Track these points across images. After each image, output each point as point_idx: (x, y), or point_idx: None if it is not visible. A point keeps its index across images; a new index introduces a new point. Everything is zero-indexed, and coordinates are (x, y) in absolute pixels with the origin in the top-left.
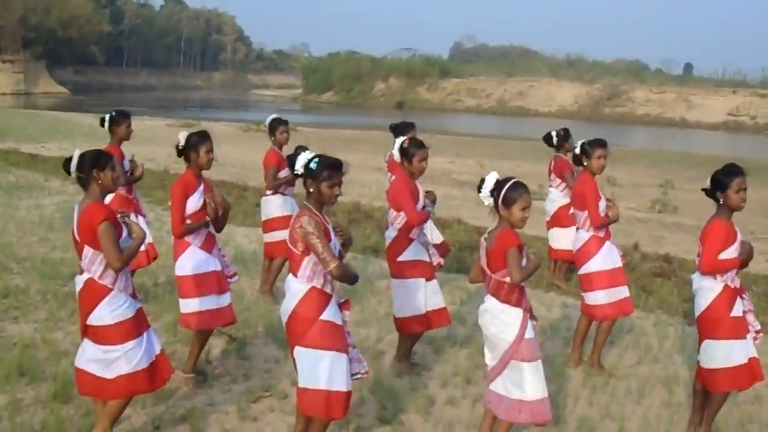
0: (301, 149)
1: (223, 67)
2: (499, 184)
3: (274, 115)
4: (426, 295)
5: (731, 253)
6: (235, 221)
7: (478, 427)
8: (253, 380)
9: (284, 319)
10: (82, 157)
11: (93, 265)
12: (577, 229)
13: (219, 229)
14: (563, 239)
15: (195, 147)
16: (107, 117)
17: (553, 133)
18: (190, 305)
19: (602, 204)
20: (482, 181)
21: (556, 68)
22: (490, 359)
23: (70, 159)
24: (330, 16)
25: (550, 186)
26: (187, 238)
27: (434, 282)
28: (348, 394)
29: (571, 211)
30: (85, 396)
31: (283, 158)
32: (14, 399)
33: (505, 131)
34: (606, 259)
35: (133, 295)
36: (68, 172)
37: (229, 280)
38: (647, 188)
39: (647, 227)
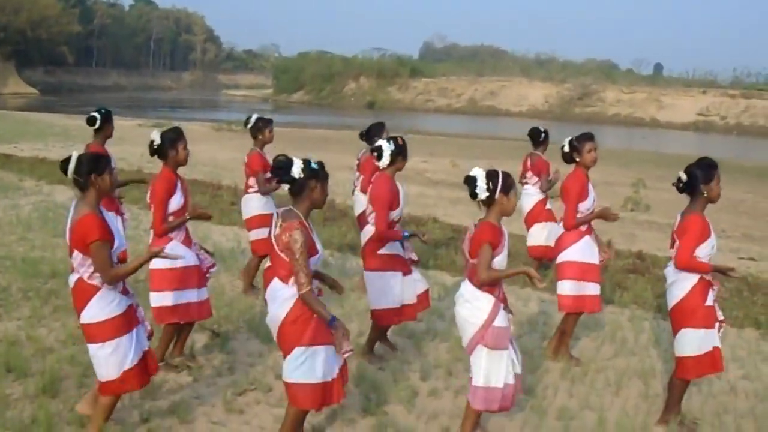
0: (282, 157)
1: (192, 67)
2: (493, 175)
3: (257, 115)
4: (402, 290)
5: (706, 247)
6: (212, 220)
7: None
8: (237, 374)
9: (274, 327)
10: (79, 160)
11: (82, 267)
12: (560, 220)
13: None
14: (541, 235)
15: (173, 144)
16: (97, 116)
17: (541, 129)
18: (166, 298)
19: (589, 201)
20: (471, 178)
21: (527, 68)
22: (464, 341)
23: (67, 160)
24: (300, 15)
25: (525, 183)
26: (170, 234)
27: (411, 277)
28: (340, 380)
29: (548, 206)
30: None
31: (267, 160)
32: (3, 394)
33: (477, 131)
34: (582, 252)
35: (124, 291)
36: (65, 173)
37: (210, 270)
38: (619, 187)
39: (620, 225)
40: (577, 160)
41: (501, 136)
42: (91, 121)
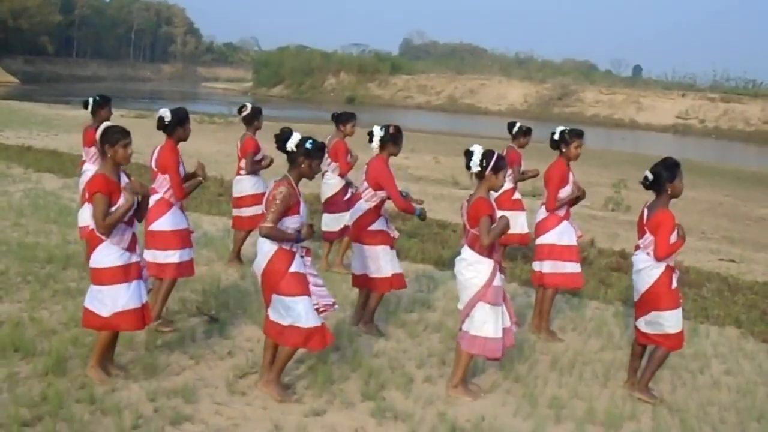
0: (287, 129)
1: (172, 59)
2: (488, 154)
3: (249, 104)
4: (391, 261)
5: (673, 237)
6: (200, 210)
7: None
8: (237, 358)
9: (258, 273)
10: (104, 130)
11: (91, 219)
12: (542, 205)
13: (141, 218)
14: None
15: (181, 122)
16: (91, 100)
17: (518, 123)
18: (170, 257)
19: (568, 188)
20: (470, 152)
21: (507, 67)
22: (462, 304)
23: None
24: (279, 9)
25: None
26: (171, 200)
27: (393, 251)
28: (322, 328)
29: (517, 195)
30: (86, 328)
31: (259, 144)
32: (11, 372)
33: (457, 128)
34: (561, 235)
35: (131, 248)
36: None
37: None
38: (600, 187)
39: (602, 225)
40: (563, 150)
41: (481, 134)
42: (84, 105)
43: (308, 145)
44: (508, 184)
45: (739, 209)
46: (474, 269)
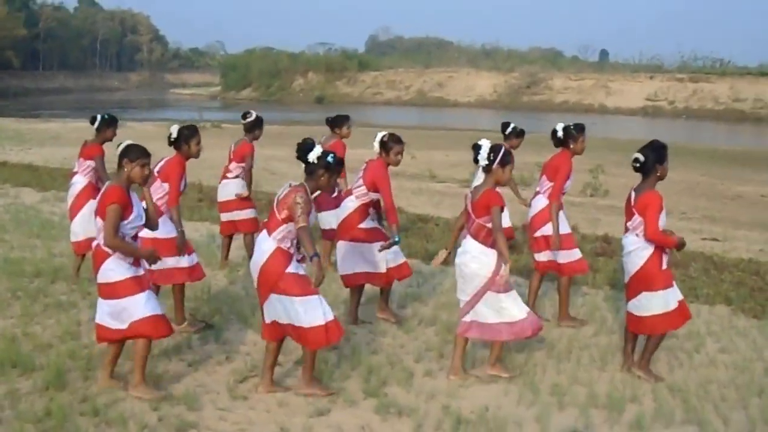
0: (309, 140)
1: (139, 67)
2: (495, 148)
3: (254, 112)
4: (375, 257)
5: (663, 217)
6: (182, 217)
7: (450, 358)
8: (235, 363)
9: (255, 270)
10: (127, 146)
11: (100, 233)
12: (537, 194)
13: (153, 227)
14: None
15: (187, 140)
16: (99, 117)
17: (512, 125)
18: (180, 262)
19: (571, 180)
20: (478, 146)
21: (474, 58)
22: (465, 295)
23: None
24: (243, 12)
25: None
26: (162, 208)
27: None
28: (326, 327)
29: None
30: (102, 343)
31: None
32: (12, 389)
33: (427, 122)
34: (563, 225)
35: (136, 264)
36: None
37: None
38: (577, 173)
39: (582, 210)
40: (570, 146)
41: (452, 126)
42: (91, 121)
43: (330, 158)
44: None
45: (716, 188)
46: (479, 261)
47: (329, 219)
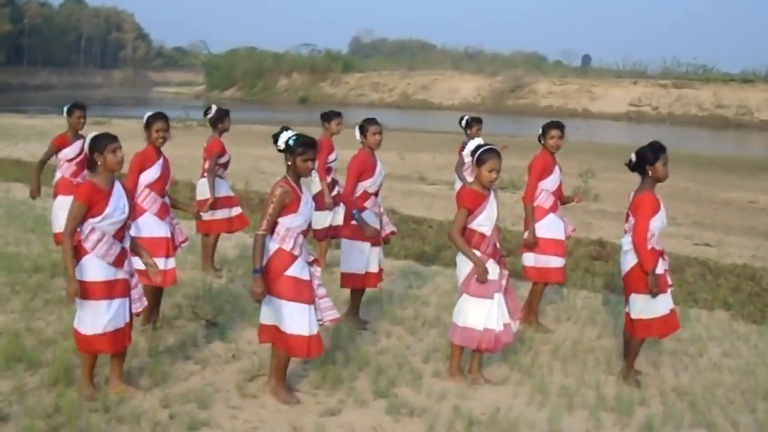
0: (284, 129)
1: (123, 65)
2: (476, 148)
3: (215, 106)
4: (369, 259)
5: (657, 221)
6: (173, 217)
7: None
8: (242, 361)
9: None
10: (91, 139)
11: (79, 228)
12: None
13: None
14: None
15: (147, 125)
16: (65, 108)
17: (465, 119)
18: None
19: (553, 178)
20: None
21: (458, 61)
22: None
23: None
24: (227, 12)
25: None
26: (144, 205)
27: (377, 249)
28: (309, 339)
29: None
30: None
31: (224, 145)
32: (19, 384)
33: (412, 124)
34: (546, 229)
35: (117, 264)
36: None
37: (181, 245)
38: (566, 177)
39: (573, 214)
40: (542, 143)
41: (438, 129)
42: (63, 113)
43: (290, 141)
44: (469, 178)
45: (704, 194)
46: (460, 260)
47: (322, 219)
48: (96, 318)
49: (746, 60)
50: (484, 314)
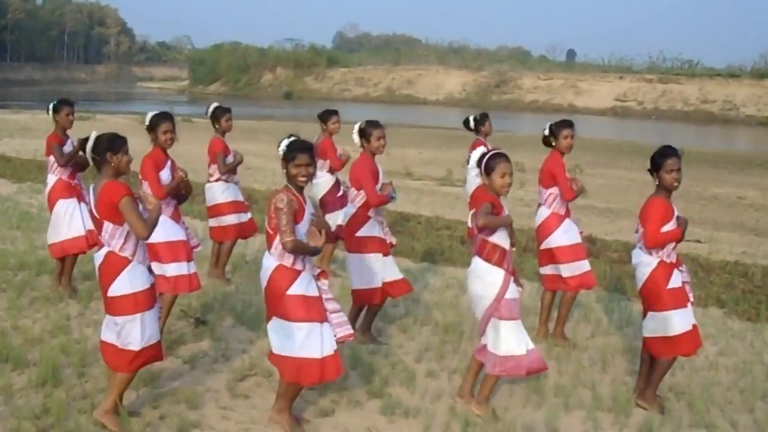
0: (290, 136)
1: (107, 60)
2: (482, 156)
3: (216, 104)
4: (383, 269)
5: (669, 228)
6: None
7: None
8: (233, 361)
9: (262, 289)
10: (98, 139)
11: (113, 239)
12: (540, 205)
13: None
14: None
15: (153, 127)
16: (50, 106)
17: (470, 118)
18: (164, 270)
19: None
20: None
21: (443, 56)
22: (477, 314)
23: (86, 139)
24: (211, 7)
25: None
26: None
27: (390, 257)
28: (322, 362)
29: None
30: (116, 371)
31: (227, 145)
32: (6, 384)
33: (397, 120)
34: (566, 234)
35: (149, 269)
36: (84, 152)
37: (194, 250)
38: None
39: None
40: (554, 144)
41: (422, 124)
42: (47, 111)
43: (283, 147)
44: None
45: (692, 189)
46: (483, 282)
47: (331, 220)
48: (145, 329)
49: (732, 55)
50: (523, 336)
